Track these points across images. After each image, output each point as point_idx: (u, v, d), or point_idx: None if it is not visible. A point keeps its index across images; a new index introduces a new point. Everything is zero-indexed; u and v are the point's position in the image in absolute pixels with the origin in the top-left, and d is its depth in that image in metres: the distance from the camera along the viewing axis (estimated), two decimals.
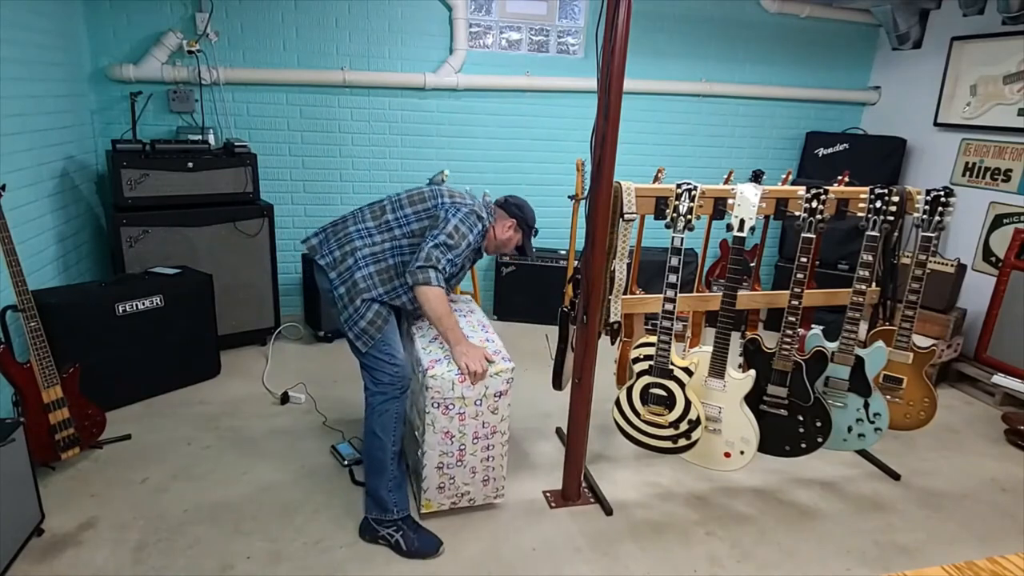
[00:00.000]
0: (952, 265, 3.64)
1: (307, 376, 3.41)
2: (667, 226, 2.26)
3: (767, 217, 2.56)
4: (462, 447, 2.25)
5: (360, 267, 2.24)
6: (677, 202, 2.22)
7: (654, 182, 2.53)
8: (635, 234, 2.50)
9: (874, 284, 2.66)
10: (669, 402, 2.34)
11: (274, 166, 4.00)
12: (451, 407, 2.18)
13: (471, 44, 4.19)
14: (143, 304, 2.98)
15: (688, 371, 2.29)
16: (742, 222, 2.21)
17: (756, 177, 2.80)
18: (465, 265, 2.37)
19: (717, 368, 2.34)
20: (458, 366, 2.15)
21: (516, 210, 2.46)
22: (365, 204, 2.40)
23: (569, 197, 3.86)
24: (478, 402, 2.21)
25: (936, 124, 4.29)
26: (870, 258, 2.37)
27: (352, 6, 3.88)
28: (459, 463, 2.27)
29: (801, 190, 2.32)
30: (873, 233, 2.35)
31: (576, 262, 2.82)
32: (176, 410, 3.03)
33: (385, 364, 2.22)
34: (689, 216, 2.21)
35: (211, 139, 3.63)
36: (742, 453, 2.37)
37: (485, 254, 2.49)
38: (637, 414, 2.41)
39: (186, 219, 3.39)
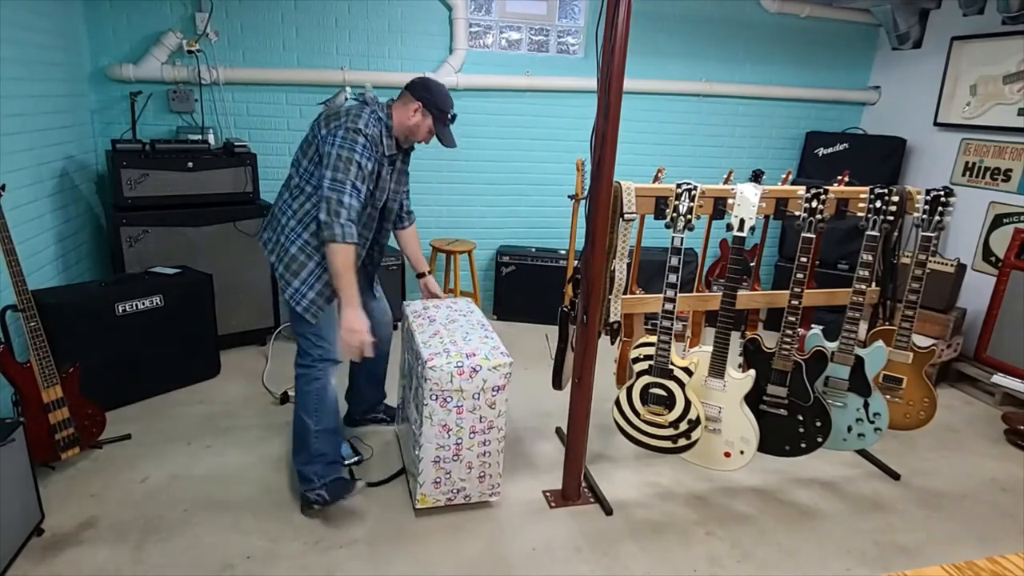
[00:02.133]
0: (952, 265, 3.64)
1: None
2: (667, 226, 2.26)
3: (767, 217, 2.56)
4: (459, 441, 2.25)
5: (292, 239, 2.22)
6: (677, 202, 2.22)
7: (654, 182, 2.53)
8: (635, 234, 2.50)
9: (874, 284, 2.66)
10: (669, 402, 2.34)
11: (274, 166, 4.00)
12: (449, 400, 2.19)
13: (471, 44, 4.19)
14: (143, 304, 2.98)
15: (688, 371, 2.29)
16: (742, 222, 2.22)
17: (756, 177, 2.80)
18: (385, 177, 2.29)
19: (717, 368, 2.34)
20: (342, 326, 2.12)
21: (422, 91, 2.27)
22: None
23: (569, 197, 3.86)
24: (476, 396, 2.21)
25: (936, 124, 4.29)
26: (870, 258, 2.37)
27: (352, 6, 3.88)
28: (456, 458, 2.27)
29: (801, 190, 2.33)
30: (873, 233, 2.35)
31: (576, 262, 2.82)
32: (176, 410, 3.03)
33: (317, 339, 2.27)
34: (689, 216, 2.21)
35: (211, 139, 3.63)
36: (742, 453, 2.37)
37: (409, 144, 2.39)
38: (637, 414, 2.41)
39: (186, 219, 3.39)
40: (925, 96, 4.36)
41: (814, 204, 2.26)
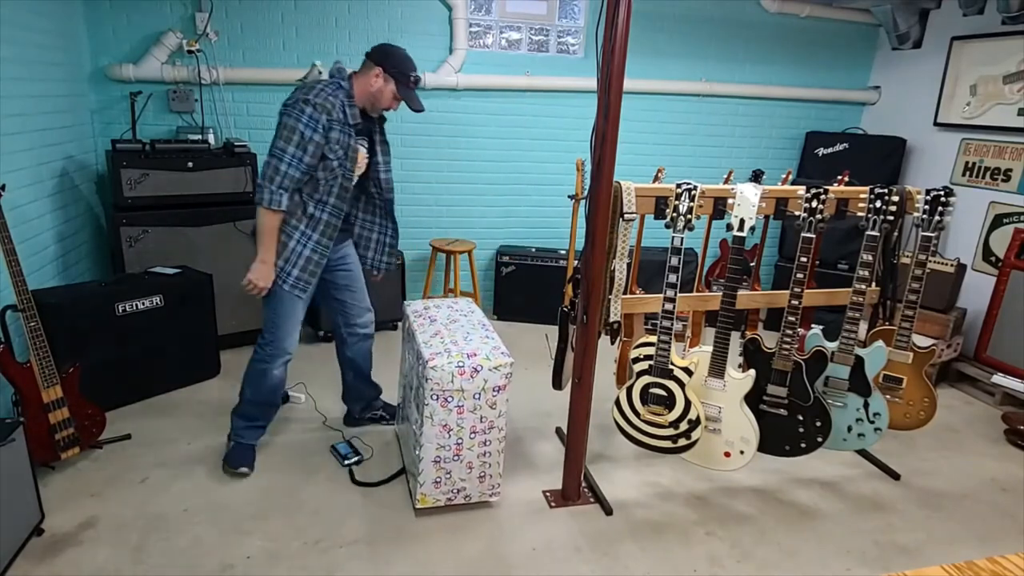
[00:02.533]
0: (952, 265, 3.64)
1: (307, 376, 3.41)
2: (667, 226, 2.26)
3: (767, 217, 2.56)
4: (459, 441, 2.25)
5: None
6: (677, 202, 2.22)
7: (654, 182, 2.53)
8: (635, 234, 2.50)
9: (874, 284, 2.66)
10: (669, 402, 2.34)
11: None
12: (450, 400, 2.19)
13: (471, 44, 4.19)
14: (143, 304, 2.98)
15: (688, 371, 2.29)
16: (742, 222, 2.22)
17: (756, 177, 2.80)
18: (353, 147, 2.30)
19: (717, 368, 2.34)
20: (248, 274, 2.31)
21: (381, 57, 2.30)
22: None
23: (569, 197, 3.86)
24: (477, 396, 2.22)
25: (936, 124, 4.29)
26: (870, 258, 2.37)
27: (352, 6, 3.88)
28: (456, 457, 2.27)
29: (801, 190, 2.33)
30: (873, 233, 2.35)
31: (576, 262, 2.82)
32: (176, 410, 3.03)
33: (272, 327, 2.44)
34: (689, 216, 2.21)
35: (211, 139, 3.62)
36: (742, 453, 2.38)
37: (377, 112, 2.40)
38: (637, 414, 2.41)
39: (186, 219, 3.39)
40: (925, 96, 4.36)
41: (814, 204, 2.26)
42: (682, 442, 2.37)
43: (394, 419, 2.98)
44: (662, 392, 2.34)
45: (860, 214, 2.39)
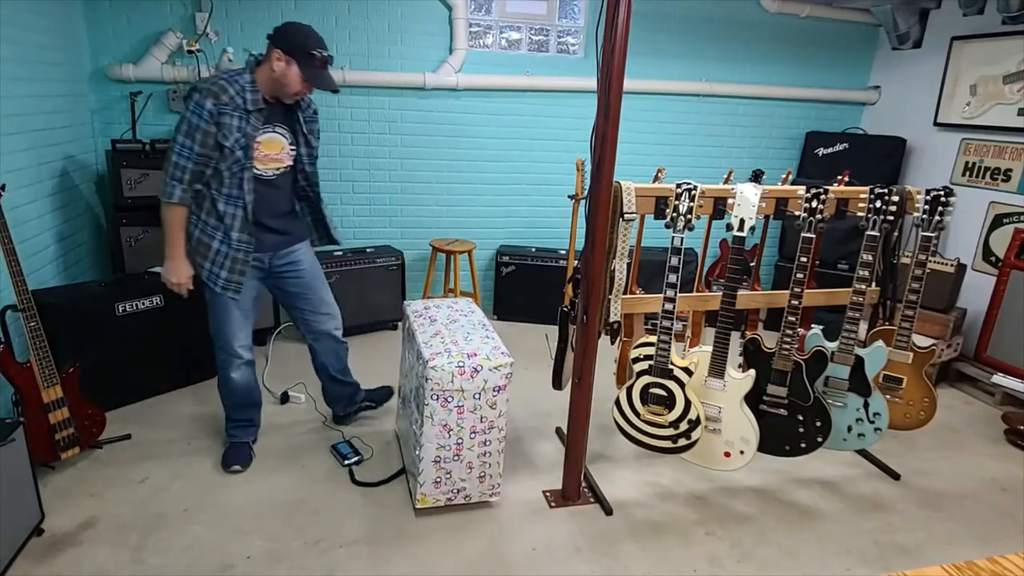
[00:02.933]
0: (952, 265, 3.64)
1: (307, 376, 3.40)
2: (667, 226, 2.26)
3: (767, 217, 2.56)
4: (459, 441, 2.25)
5: (195, 223, 2.29)
6: (677, 202, 2.22)
7: (654, 182, 2.53)
8: (635, 234, 2.50)
9: (874, 284, 2.66)
10: (669, 402, 2.34)
11: None
12: (450, 400, 2.19)
13: (471, 44, 4.19)
14: (143, 304, 2.98)
15: (688, 371, 2.29)
16: (742, 222, 2.22)
17: (756, 177, 2.80)
18: (229, 138, 2.15)
19: (717, 368, 2.34)
20: (162, 274, 2.30)
21: (279, 39, 2.15)
22: None
23: (569, 197, 3.87)
24: (477, 396, 2.22)
25: (936, 124, 4.29)
26: (870, 258, 2.37)
27: (352, 6, 3.88)
28: (456, 457, 2.27)
29: (801, 190, 2.33)
30: (873, 233, 2.35)
31: (576, 262, 2.82)
32: (176, 410, 3.03)
33: (216, 331, 2.44)
34: (689, 216, 2.21)
35: None
36: (742, 453, 2.37)
37: (290, 99, 2.26)
38: (637, 414, 2.41)
39: None
40: (925, 96, 4.36)
41: (814, 204, 2.26)
42: (682, 442, 2.37)
43: (381, 402, 3.01)
44: (662, 392, 2.34)
45: (860, 214, 2.39)
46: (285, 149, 2.34)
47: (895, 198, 2.34)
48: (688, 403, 2.32)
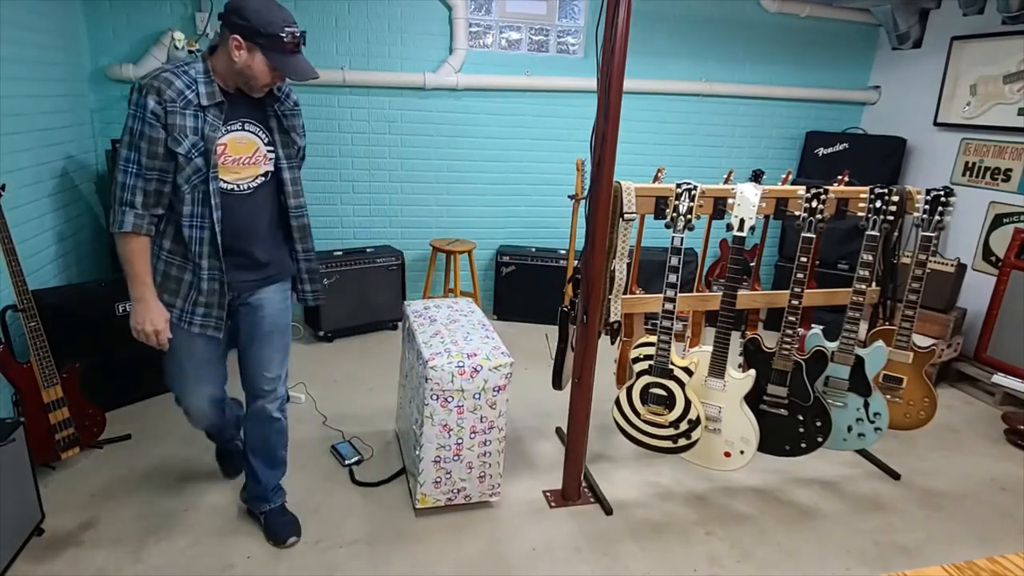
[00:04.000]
0: (952, 265, 3.64)
1: (307, 376, 3.41)
2: (667, 226, 2.26)
3: (767, 217, 2.56)
4: (459, 441, 2.25)
5: (157, 254, 1.88)
6: (677, 202, 2.22)
7: (654, 182, 2.53)
8: (635, 234, 2.50)
9: (874, 284, 2.66)
10: (669, 402, 2.34)
11: None
12: (450, 400, 2.19)
13: (471, 44, 4.19)
14: None
15: (688, 371, 2.29)
16: (742, 222, 2.22)
17: (756, 177, 2.80)
18: (183, 141, 1.70)
19: (717, 368, 2.34)
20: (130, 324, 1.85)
21: (235, 19, 1.68)
22: None
23: (569, 197, 3.86)
24: (477, 396, 2.22)
25: (936, 124, 4.28)
26: (870, 258, 2.37)
27: (352, 6, 3.88)
28: (456, 458, 2.27)
29: (801, 190, 2.33)
30: (873, 233, 2.35)
31: (576, 262, 2.82)
32: (176, 410, 3.00)
33: (180, 381, 2.04)
34: (689, 216, 2.21)
35: None
36: (742, 453, 2.37)
37: (259, 92, 1.80)
38: (637, 414, 2.41)
39: None
40: (925, 96, 4.36)
41: (814, 204, 2.26)
42: (682, 442, 2.37)
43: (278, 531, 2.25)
44: (662, 392, 2.34)
45: (860, 214, 2.39)
46: (260, 152, 1.87)
47: (895, 198, 2.34)
48: (688, 403, 2.32)
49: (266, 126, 1.88)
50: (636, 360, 2.36)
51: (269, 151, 1.90)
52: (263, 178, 1.90)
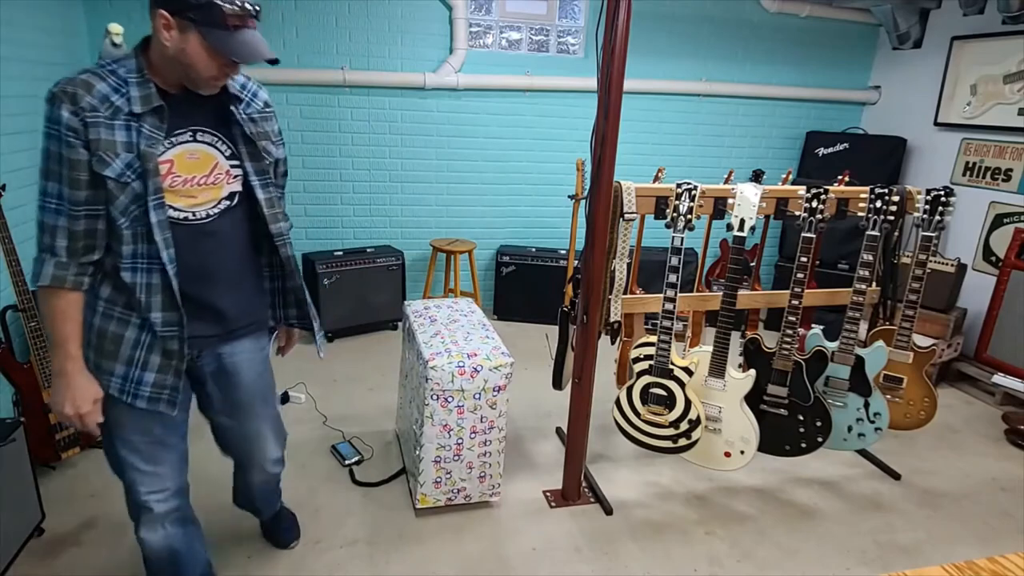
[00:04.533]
0: (952, 265, 3.64)
1: (307, 376, 3.41)
2: (667, 226, 2.26)
3: (767, 217, 2.56)
4: (459, 441, 2.25)
5: (91, 304, 1.45)
6: (677, 202, 2.22)
7: (654, 182, 2.53)
8: (635, 234, 2.50)
9: (874, 284, 2.66)
10: (669, 402, 2.34)
11: None
12: (450, 400, 2.19)
13: (471, 44, 4.19)
14: None
15: (688, 371, 2.29)
16: (742, 222, 2.22)
17: (756, 177, 2.80)
18: (112, 160, 1.30)
19: (717, 368, 2.34)
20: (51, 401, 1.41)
21: None
22: None
23: (569, 197, 3.87)
24: (477, 396, 2.22)
25: (936, 124, 4.28)
26: (870, 258, 2.37)
27: (352, 6, 3.88)
28: (456, 457, 2.27)
29: (801, 190, 2.33)
30: (873, 233, 2.35)
31: (576, 262, 2.82)
32: None
33: (129, 470, 1.57)
34: (689, 216, 2.21)
35: None
36: (742, 453, 2.37)
37: (208, 89, 1.39)
38: (637, 414, 2.41)
39: None
40: (925, 96, 4.36)
41: (814, 204, 2.26)
42: (682, 442, 2.37)
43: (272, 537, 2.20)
44: (662, 392, 2.34)
45: (860, 214, 2.39)
46: (221, 168, 1.45)
47: (895, 198, 2.34)
48: (688, 403, 2.32)
49: (227, 135, 1.47)
50: (636, 360, 2.36)
51: (234, 167, 1.48)
52: (228, 201, 1.48)
